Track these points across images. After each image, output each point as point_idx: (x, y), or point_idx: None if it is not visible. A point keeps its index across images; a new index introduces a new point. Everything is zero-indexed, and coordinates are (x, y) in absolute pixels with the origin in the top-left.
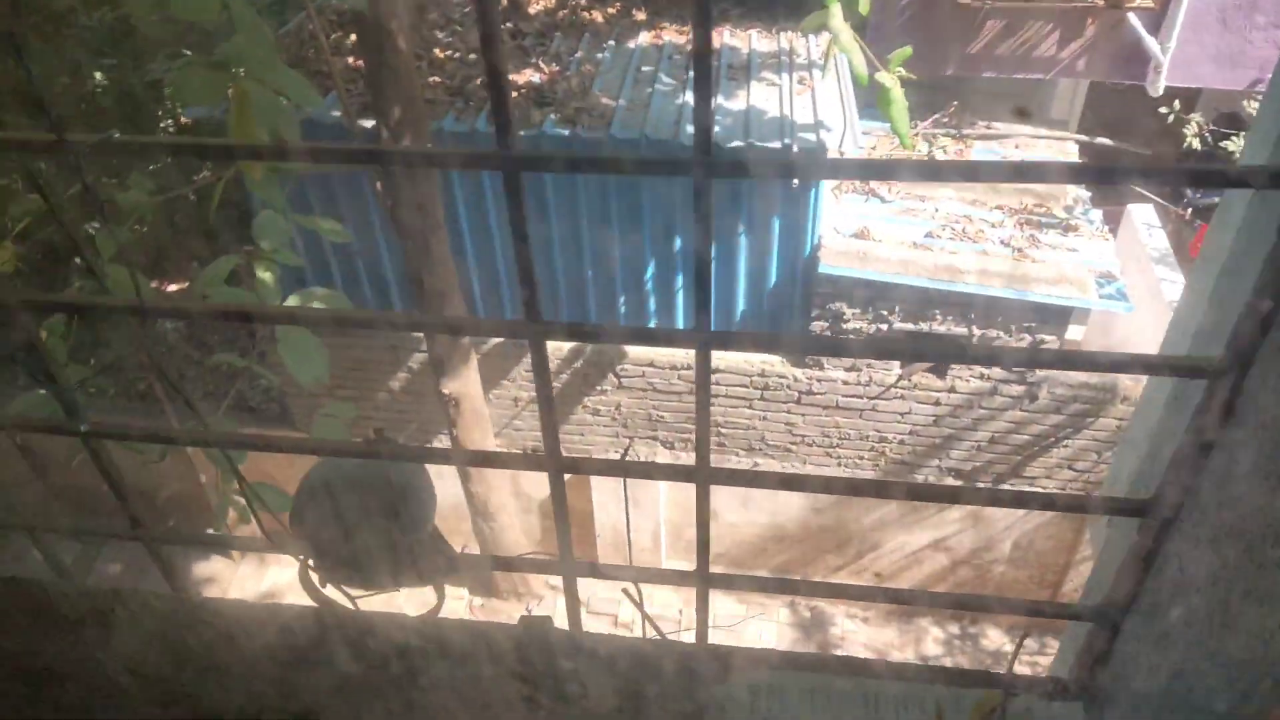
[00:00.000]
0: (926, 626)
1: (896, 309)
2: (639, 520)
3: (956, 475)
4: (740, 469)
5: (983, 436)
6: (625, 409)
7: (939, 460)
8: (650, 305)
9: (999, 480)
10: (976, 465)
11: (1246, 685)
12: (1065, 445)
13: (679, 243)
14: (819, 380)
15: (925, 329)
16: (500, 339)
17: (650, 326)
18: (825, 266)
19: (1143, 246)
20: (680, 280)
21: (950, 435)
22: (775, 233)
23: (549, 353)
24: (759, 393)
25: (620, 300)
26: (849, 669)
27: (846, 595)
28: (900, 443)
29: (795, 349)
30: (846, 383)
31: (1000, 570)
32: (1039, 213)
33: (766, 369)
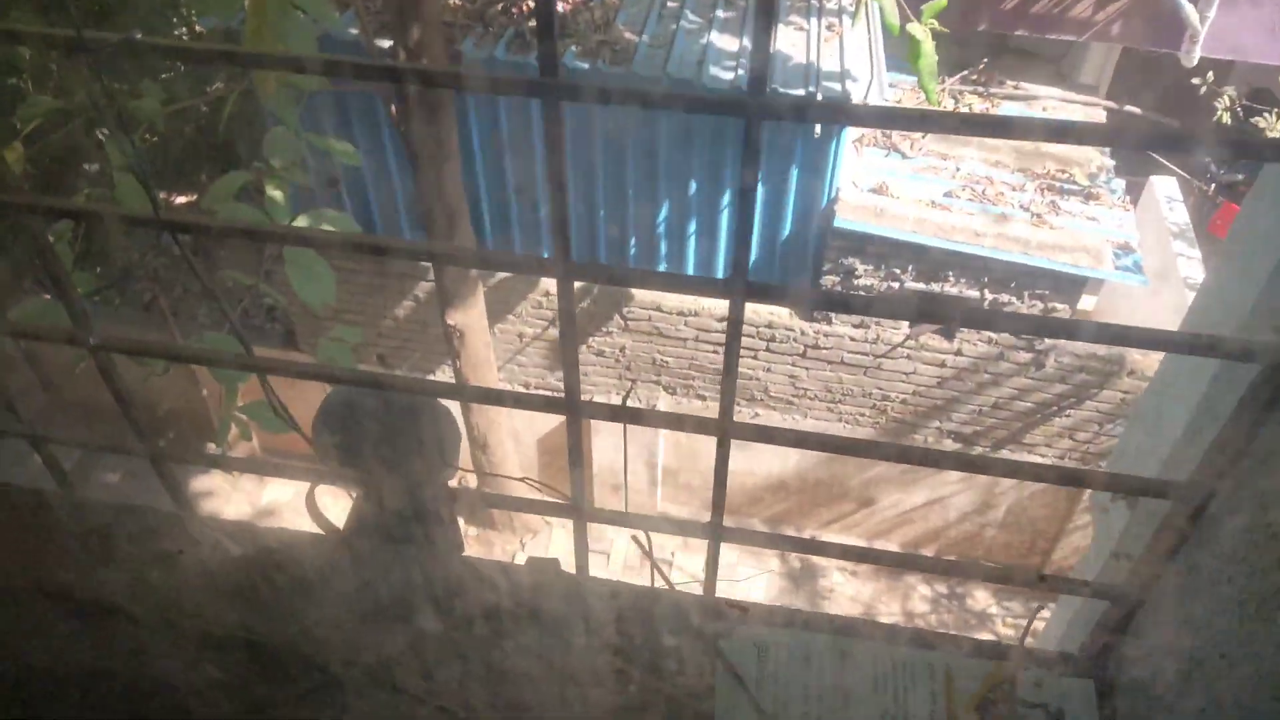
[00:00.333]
0: (914, 584)
1: (910, 268)
2: (636, 464)
3: (956, 438)
4: (761, 424)
5: (985, 401)
6: (630, 352)
7: (939, 422)
8: (661, 249)
9: (997, 446)
10: (977, 429)
11: (1276, 685)
12: (1068, 415)
13: (694, 187)
14: (826, 335)
15: (937, 289)
16: (508, 273)
17: (686, 274)
18: (841, 221)
19: (1162, 220)
20: (694, 225)
21: (954, 398)
22: (793, 183)
23: (550, 291)
24: (765, 344)
25: (631, 243)
26: (858, 632)
27: (865, 558)
28: (903, 402)
29: (826, 305)
30: (854, 339)
31: (991, 534)
32: (1061, 178)
33: (774, 320)
